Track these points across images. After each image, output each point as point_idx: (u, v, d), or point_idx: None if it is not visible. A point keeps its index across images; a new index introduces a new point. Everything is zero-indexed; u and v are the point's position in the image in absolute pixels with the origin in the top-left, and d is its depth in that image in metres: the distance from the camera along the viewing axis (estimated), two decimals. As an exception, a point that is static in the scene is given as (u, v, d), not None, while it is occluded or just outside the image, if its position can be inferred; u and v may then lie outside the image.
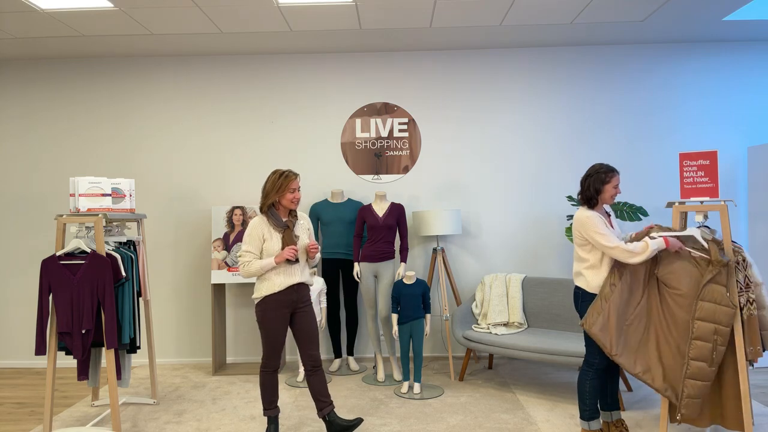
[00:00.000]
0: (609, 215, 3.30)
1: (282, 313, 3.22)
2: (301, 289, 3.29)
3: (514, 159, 5.20)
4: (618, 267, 3.12)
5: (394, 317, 4.15)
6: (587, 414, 3.19)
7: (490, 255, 5.20)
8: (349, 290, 4.80)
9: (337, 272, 4.81)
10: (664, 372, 3.05)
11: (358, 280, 4.54)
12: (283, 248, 3.20)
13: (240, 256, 3.20)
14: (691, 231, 3.07)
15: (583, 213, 3.16)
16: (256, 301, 3.25)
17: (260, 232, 3.20)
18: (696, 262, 3.03)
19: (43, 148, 5.23)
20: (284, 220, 3.25)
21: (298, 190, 3.25)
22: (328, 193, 5.20)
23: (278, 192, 3.20)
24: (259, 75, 5.24)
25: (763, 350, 3.08)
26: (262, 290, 3.21)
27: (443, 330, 5.24)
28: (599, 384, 3.19)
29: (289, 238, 3.21)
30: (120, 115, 5.24)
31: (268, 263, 3.16)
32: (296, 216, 3.32)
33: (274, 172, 3.23)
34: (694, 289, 3.00)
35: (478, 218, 5.21)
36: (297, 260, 3.25)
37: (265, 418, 3.75)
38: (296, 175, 3.23)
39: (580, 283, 3.21)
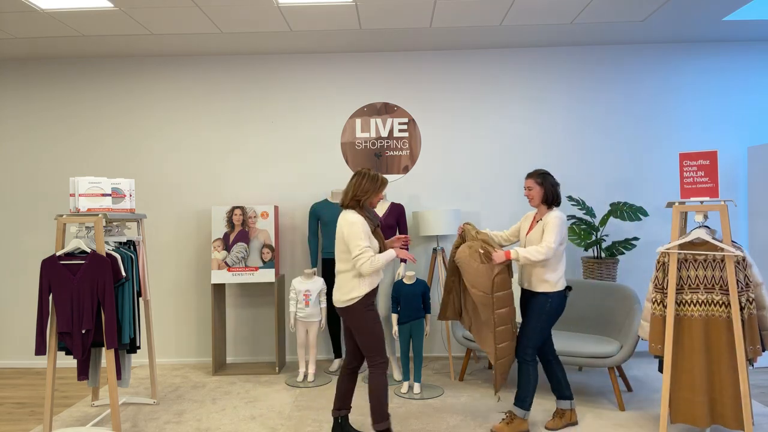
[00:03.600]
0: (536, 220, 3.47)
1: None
2: None
3: (514, 159, 5.20)
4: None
5: (394, 317, 4.16)
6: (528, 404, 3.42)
7: (490, 255, 5.19)
8: (349, 290, 4.79)
9: (337, 272, 4.80)
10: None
11: (358, 280, 4.54)
12: (380, 245, 3.19)
13: (361, 253, 3.02)
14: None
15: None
16: (354, 302, 3.08)
17: (367, 227, 3.12)
18: (481, 259, 3.29)
19: (43, 148, 5.23)
20: None
21: None
22: (328, 193, 5.20)
23: (376, 192, 3.17)
24: (259, 75, 5.24)
25: (763, 350, 3.09)
26: (364, 288, 3.09)
27: (443, 330, 5.24)
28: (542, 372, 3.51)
29: (379, 235, 3.20)
30: (120, 115, 5.24)
31: (390, 255, 3.11)
32: None
33: (369, 172, 3.19)
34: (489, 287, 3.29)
35: (478, 218, 5.21)
36: None
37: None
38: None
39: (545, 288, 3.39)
